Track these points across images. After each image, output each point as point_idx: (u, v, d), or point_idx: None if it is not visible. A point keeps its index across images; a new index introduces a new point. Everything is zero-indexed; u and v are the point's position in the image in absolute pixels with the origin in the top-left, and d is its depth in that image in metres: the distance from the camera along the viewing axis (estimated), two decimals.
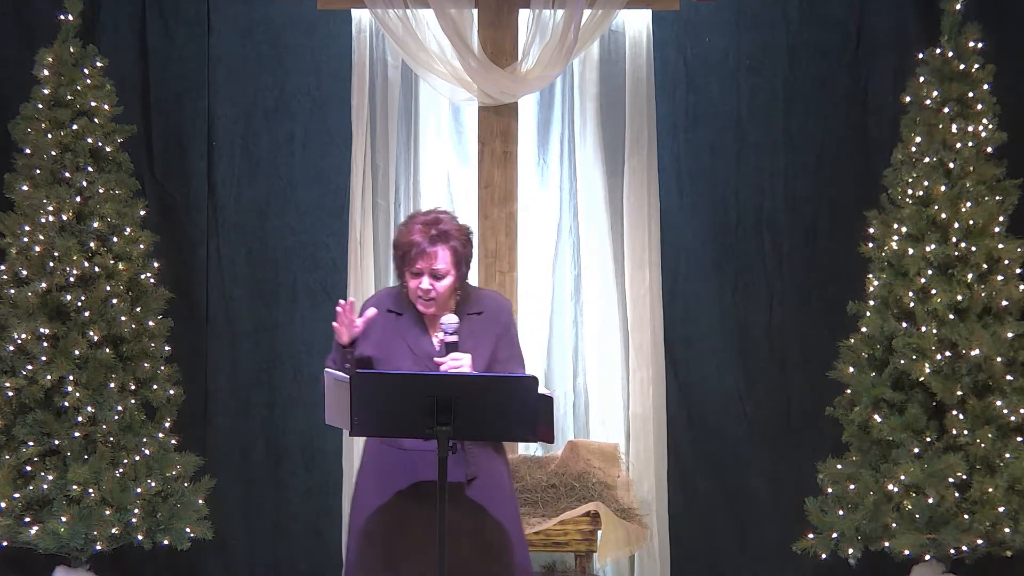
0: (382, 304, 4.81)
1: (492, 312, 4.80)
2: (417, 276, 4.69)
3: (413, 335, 4.74)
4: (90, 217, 6.39)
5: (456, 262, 4.72)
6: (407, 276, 4.72)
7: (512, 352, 4.84)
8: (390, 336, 4.75)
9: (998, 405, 6.15)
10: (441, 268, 4.69)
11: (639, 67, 7.02)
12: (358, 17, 7.00)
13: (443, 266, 4.69)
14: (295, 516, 7.12)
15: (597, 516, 6.32)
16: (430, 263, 4.68)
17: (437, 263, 4.68)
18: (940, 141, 6.39)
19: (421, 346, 4.73)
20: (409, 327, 4.75)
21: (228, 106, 7.19)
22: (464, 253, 4.75)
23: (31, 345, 6.21)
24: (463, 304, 4.78)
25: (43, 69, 6.46)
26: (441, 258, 4.68)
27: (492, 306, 4.82)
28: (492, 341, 4.75)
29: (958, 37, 6.46)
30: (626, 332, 7.02)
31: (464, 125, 7.14)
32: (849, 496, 6.26)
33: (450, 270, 4.71)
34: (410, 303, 4.77)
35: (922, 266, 6.29)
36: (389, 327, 4.76)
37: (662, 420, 6.96)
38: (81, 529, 6.11)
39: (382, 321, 4.77)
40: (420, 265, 4.68)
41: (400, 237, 4.74)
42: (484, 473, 4.75)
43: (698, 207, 7.19)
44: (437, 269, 4.68)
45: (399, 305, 4.79)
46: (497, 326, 4.79)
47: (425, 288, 4.69)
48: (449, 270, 4.70)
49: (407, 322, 4.76)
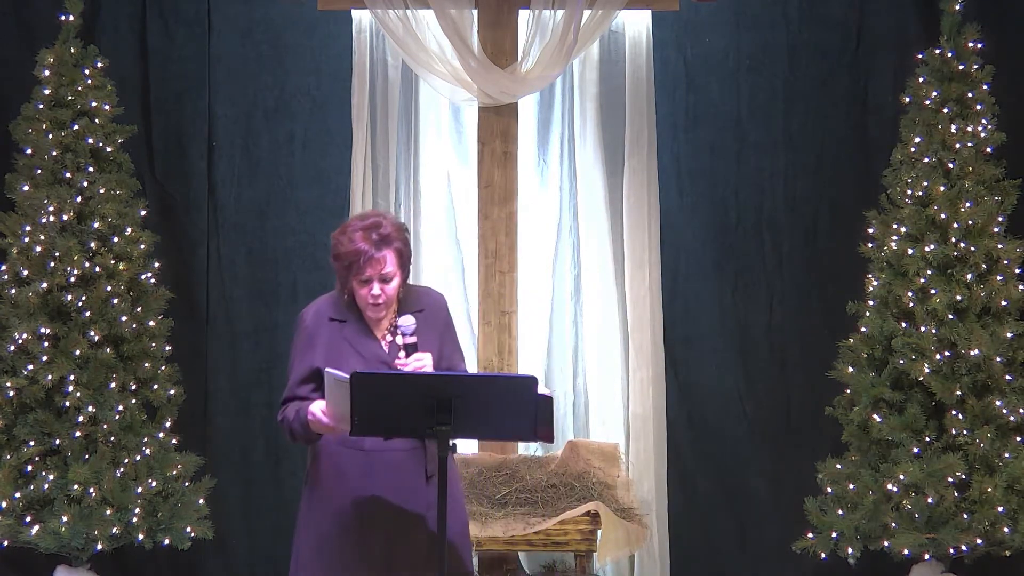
0: (323, 314, 4.75)
1: (432, 308, 4.78)
2: (366, 284, 4.64)
3: (360, 340, 4.70)
4: (91, 217, 6.40)
5: (401, 263, 4.69)
6: (354, 284, 4.66)
7: (455, 345, 4.84)
8: (336, 344, 4.70)
9: (997, 405, 6.15)
10: (389, 272, 4.64)
11: (639, 67, 7.02)
12: (358, 17, 7.00)
13: (391, 269, 4.65)
14: (295, 516, 7.10)
15: (597, 516, 6.32)
16: (379, 268, 4.62)
17: (386, 267, 4.63)
18: (939, 141, 6.40)
19: (370, 350, 4.69)
20: (355, 333, 4.71)
21: (228, 106, 7.20)
22: (407, 253, 4.72)
23: (32, 345, 6.22)
24: (405, 303, 4.75)
25: (44, 69, 6.46)
26: (389, 262, 4.64)
27: (431, 302, 4.80)
28: (437, 336, 4.74)
29: (958, 37, 6.47)
30: (626, 332, 7.03)
31: (464, 125, 7.14)
32: (849, 496, 6.27)
33: (396, 272, 4.67)
34: (351, 309, 4.73)
35: (921, 266, 6.30)
36: (334, 336, 4.71)
37: (662, 420, 6.96)
38: (82, 529, 6.11)
39: (326, 331, 4.71)
40: (369, 272, 4.62)
41: (341, 247, 4.65)
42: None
43: (698, 207, 7.20)
44: (386, 273, 4.64)
45: (340, 312, 4.74)
46: (439, 321, 4.78)
47: (376, 294, 4.64)
48: (396, 272, 4.67)
49: (352, 329, 4.71)
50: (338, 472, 4.70)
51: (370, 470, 4.64)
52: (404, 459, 4.63)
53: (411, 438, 4.59)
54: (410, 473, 4.63)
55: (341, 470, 4.69)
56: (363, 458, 4.65)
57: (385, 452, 4.60)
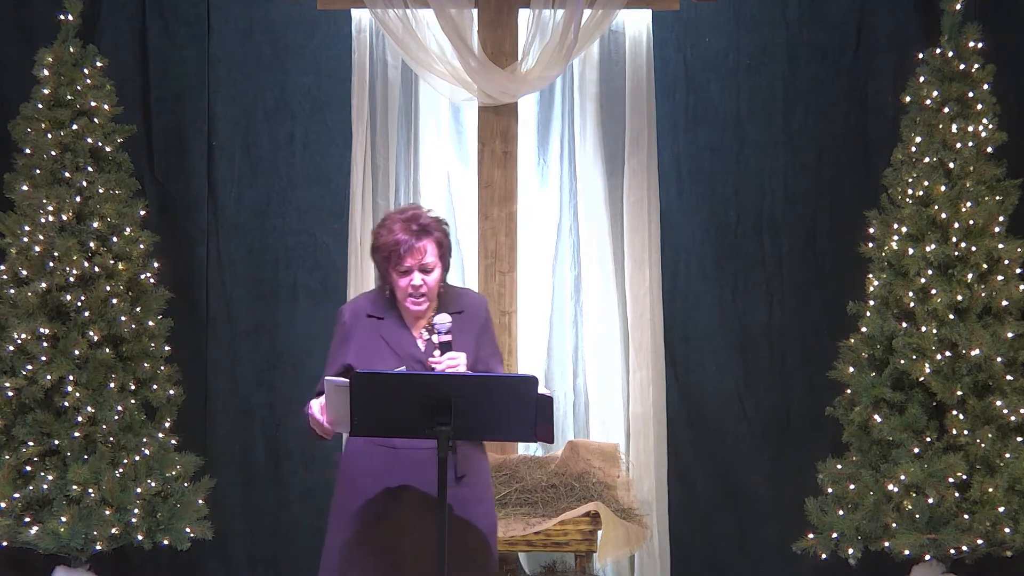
0: (361, 310, 4.79)
1: (472, 310, 4.80)
2: (406, 274, 4.68)
3: (396, 337, 4.73)
4: (90, 217, 6.40)
5: (441, 255, 4.73)
6: (394, 276, 4.70)
7: (493, 349, 4.86)
8: (372, 340, 4.72)
9: (998, 405, 6.15)
10: (430, 262, 4.69)
11: (639, 67, 7.02)
12: (358, 17, 7.00)
13: (431, 259, 4.69)
14: (295, 516, 7.11)
15: (597, 516, 6.32)
16: (419, 258, 4.67)
17: (426, 257, 4.68)
18: (940, 141, 6.39)
19: (404, 347, 4.71)
20: (391, 329, 4.74)
21: (228, 106, 7.19)
22: (447, 244, 4.76)
23: (31, 345, 6.22)
24: (444, 303, 4.78)
25: (43, 69, 6.46)
26: (429, 252, 4.68)
27: (470, 304, 4.83)
28: (474, 339, 4.76)
29: (958, 37, 6.47)
30: (626, 332, 7.02)
31: (464, 125, 7.14)
32: (849, 496, 6.26)
33: (437, 263, 4.71)
34: (391, 305, 4.76)
35: (922, 266, 6.29)
36: (370, 332, 4.74)
37: (662, 420, 6.96)
38: (81, 529, 6.11)
39: (363, 327, 4.75)
40: (409, 262, 4.67)
41: (381, 239, 4.71)
42: (472, 472, 4.73)
43: (698, 207, 7.19)
44: (426, 263, 4.68)
45: (379, 309, 4.77)
46: (477, 324, 4.79)
47: (416, 284, 4.68)
48: (436, 263, 4.71)
49: (389, 325, 4.74)
50: (368, 470, 4.70)
51: (399, 468, 4.64)
52: (433, 458, 4.59)
53: (411, 438, 4.59)
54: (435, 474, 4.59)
55: (371, 468, 4.69)
56: (393, 456, 4.64)
57: (415, 451, 4.59)
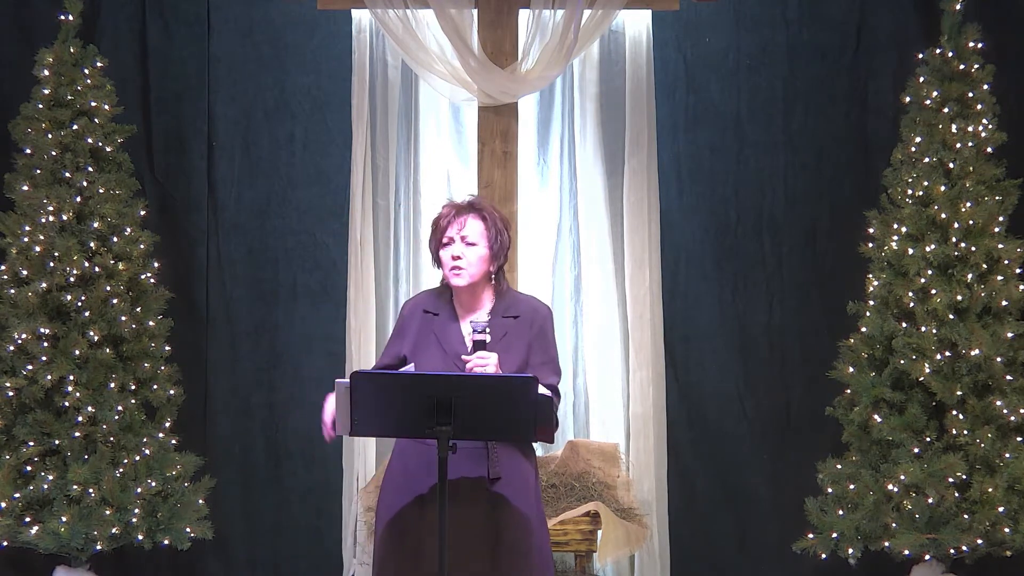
0: (419, 305, 4.84)
1: (528, 316, 4.78)
2: (447, 245, 4.72)
3: (445, 334, 4.75)
4: (90, 217, 6.40)
5: (488, 235, 4.72)
6: (439, 253, 4.74)
7: (546, 357, 4.81)
8: (424, 336, 4.76)
9: (998, 405, 6.15)
10: (469, 235, 4.70)
11: (639, 67, 7.02)
12: (358, 17, 7.00)
13: (472, 233, 4.70)
14: (295, 516, 7.12)
15: (597, 516, 6.32)
16: (459, 229, 4.70)
17: (465, 229, 4.70)
18: (940, 141, 6.39)
19: (452, 345, 4.73)
20: (442, 326, 4.76)
21: (228, 106, 7.19)
22: (497, 229, 4.75)
23: (31, 345, 6.22)
24: (500, 304, 4.77)
25: (43, 69, 6.46)
26: (470, 225, 4.70)
27: (528, 310, 4.80)
28: (525, 345, 4.73)
29: (958, 37, 6.47)
30: (626, 332, 7.02)
31: (464, 125, 7.14)
32: (849, 496, 6.26)
33: (480, 240, 4.71)
34: (447, 302, 4.79)
35: (922, 266, 6.29)
36: (424, 327, 4.77)
37: (662, 420, 6.96)
38: (81, 529, 6.11)
39: (418, 322, 4.79)
40: (450, 233, 4.70)
41: (434, 221, 4.79)
42: (508, 473, 4.70)
43: (698, 207, 7.19)
44: (467, 235, 4.70)
45: (436, 305, 4.81)
46: (531, 331, 4.77)
47: (456, 254, 4.69)
48: (479, 240, 4.71)
49: (442, 321, 4.77)
50: (405, 470, 4.72)
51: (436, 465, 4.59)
52: (466, 459, 4.61)
53: (411, 438, 4.58)
54: (474, 470, 4.62)
55: (408, 467, 4.71)
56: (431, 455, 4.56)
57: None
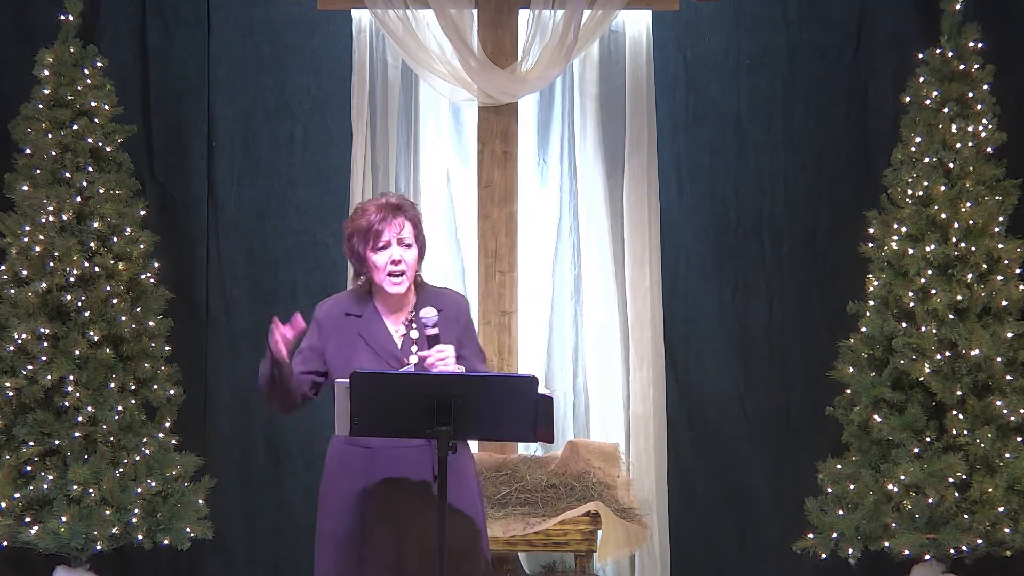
0: (340, 308, 4.75)
1: (452, 309, 4.74)
2: (385, 248, 4.63)
3: (373, 334, 4.68)
4: (90, 217, 6.40)
5: (416, 234, 4.68)
6: (372, 259, 4.63)
7: (475, 348, 4.79)
8: (350, 338, 4.69)
9: (998, 405, 6.15)
10: (406, 236, 4.64)
11: (639, 67, 7.02)
12: (358, 17, 7.00)
13: (408, 235, 4.65)
14: (295, 516, 7.11)
15: (597, 516, 6.32)
16: (397, 231, 4.62)
17: (403, 231, 4.63)
18: (940, 141, 6.39)
19: (381, 345, 4.67)
20: (368, 327, 4.69)
21: (228, 106, 7.19)
22: (421, 228, 4.71)
23: (31, 345, 6.22)
24: (423, 299, 4.71)
25: (43, 69, 6.46)
26: (406, 227, 4.64)
27: (450, 303, 4.76)
28: (455, 339, 4.69)
29: (958, 37, 6.47)
30: (626, 332, 7.02)
31: (464, 125, 7.14)
32: (849, 496, 6.26)
33: (414, 242, 4.67)
34: (368, 302, 4.72)
35: (922, 266, 6.29)
36: (348, 329, 4.70)
37: (662, 420, 6.96)
38: (81, 529, 6.11)
39: (340, 325, 4.71)
40: (387, 236, 4.61)
41: (354, 223, 4.66)
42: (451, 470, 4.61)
43: (698, 207, 7.19)
44: (403, 237, 4.63)
45: (356, 307, 4.73)
46: (458, 324, 4.74)
47: (396, 258, 4.62)
48: (413, 242, 4.66)
49: (367, 322, 4.70)
50: (345, 471, 4.67)
51: (376, 468, 4.61)
52: (410, 456, 4.60)
53: (412, 438, 4.58)
54: (418, 471, 4.60)
55: (348, 468, 4.66)
56: (369, 456, 4.61)
57: (391, 449, 4.56)
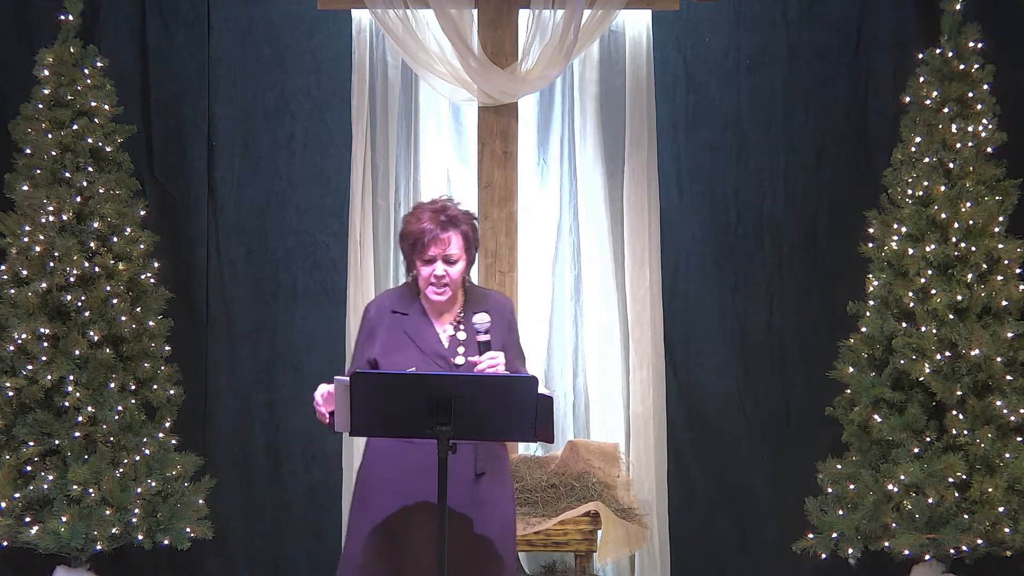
0: (386, 306, 4.83)
1: (497, 311, 4.81)
2: (430, 263, 4.72)
3: (419, 333, 4.76)
4: (90, 217, 6.40)
5: (467, 247, 4.76)
6: (418, 265, 4.74)
7: (518, 351, 4.88)
8: (396, 336, 4.76)
9: (998, 405, 6.15)
10: (454, 253, 4.73)
11: (639, 67, 7.02)
12: (358, 17, 7.00)
13: (455, 251, 4.73)
14: (295, 516, 7.12)
15: (597, 516, 6.32)
16: (443, 248, 4.71)
17: (450, 248, 4.72)
18: (940, 141, 6.39)
19: (428, 343, 4.74)
20: (415, 326, 4.77)
21: (228, 106, 7.19)
22: (473, 238, 4.79)
23: (31, 345, 6.22)
24: (469, 302, 4.81)
25: (43, 69, 6.46)
26: (453, 243, 4.72)
27: (495, 304, 4.85)
28: (499, 340, 4.76)
29: (958, 37, 6.47)
30: (626, 332, 7.02)
31: (464, 125, 7.14)
32: (849, 496, 6.26)
33: (461, 255, 4.75)
34: (415, 301, 4.80)
35: (922, 266, 6.29)
36: (395, 327, 4.77)
37: (662, 420, 6.96)
38: (81, 529, 6.11)
39: (387, 323, 4.78)
40: (433, 251, 4.70)
41: (409, 226, 4.76)
42: (491, 470, 4.75)
43: (698, 207, 7.19)
44: (450, 254, 4.72)
45: (404, 305, 4.81)
46: (502, 325, 4.81)
47: (439, 274, 4.72)
48: (461, 255, 4.74)
49: (413, 320, 4.77)
50: (388, 466, 4.71)
51: (418, 464, 4.62)
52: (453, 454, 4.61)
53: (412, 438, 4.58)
54: (458, 469, 4.60)
55: (390, 464, 4.70)
56: (413, 452, 4.62)
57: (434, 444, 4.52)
